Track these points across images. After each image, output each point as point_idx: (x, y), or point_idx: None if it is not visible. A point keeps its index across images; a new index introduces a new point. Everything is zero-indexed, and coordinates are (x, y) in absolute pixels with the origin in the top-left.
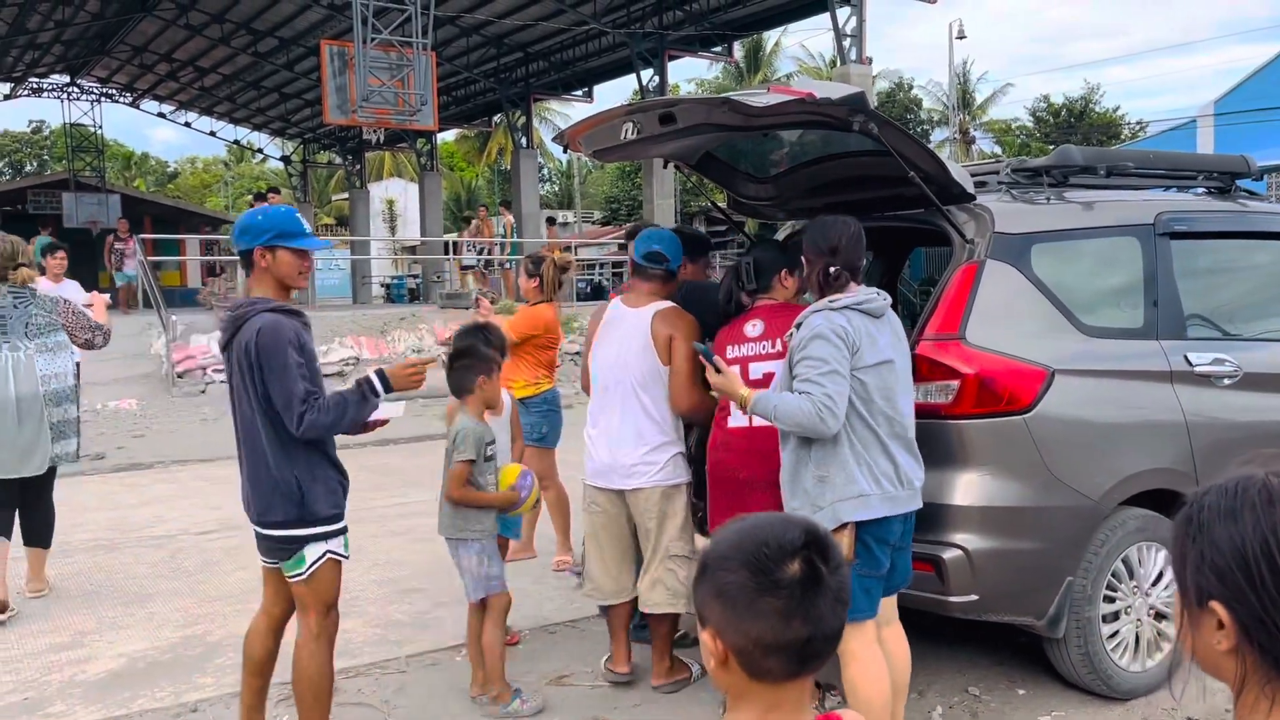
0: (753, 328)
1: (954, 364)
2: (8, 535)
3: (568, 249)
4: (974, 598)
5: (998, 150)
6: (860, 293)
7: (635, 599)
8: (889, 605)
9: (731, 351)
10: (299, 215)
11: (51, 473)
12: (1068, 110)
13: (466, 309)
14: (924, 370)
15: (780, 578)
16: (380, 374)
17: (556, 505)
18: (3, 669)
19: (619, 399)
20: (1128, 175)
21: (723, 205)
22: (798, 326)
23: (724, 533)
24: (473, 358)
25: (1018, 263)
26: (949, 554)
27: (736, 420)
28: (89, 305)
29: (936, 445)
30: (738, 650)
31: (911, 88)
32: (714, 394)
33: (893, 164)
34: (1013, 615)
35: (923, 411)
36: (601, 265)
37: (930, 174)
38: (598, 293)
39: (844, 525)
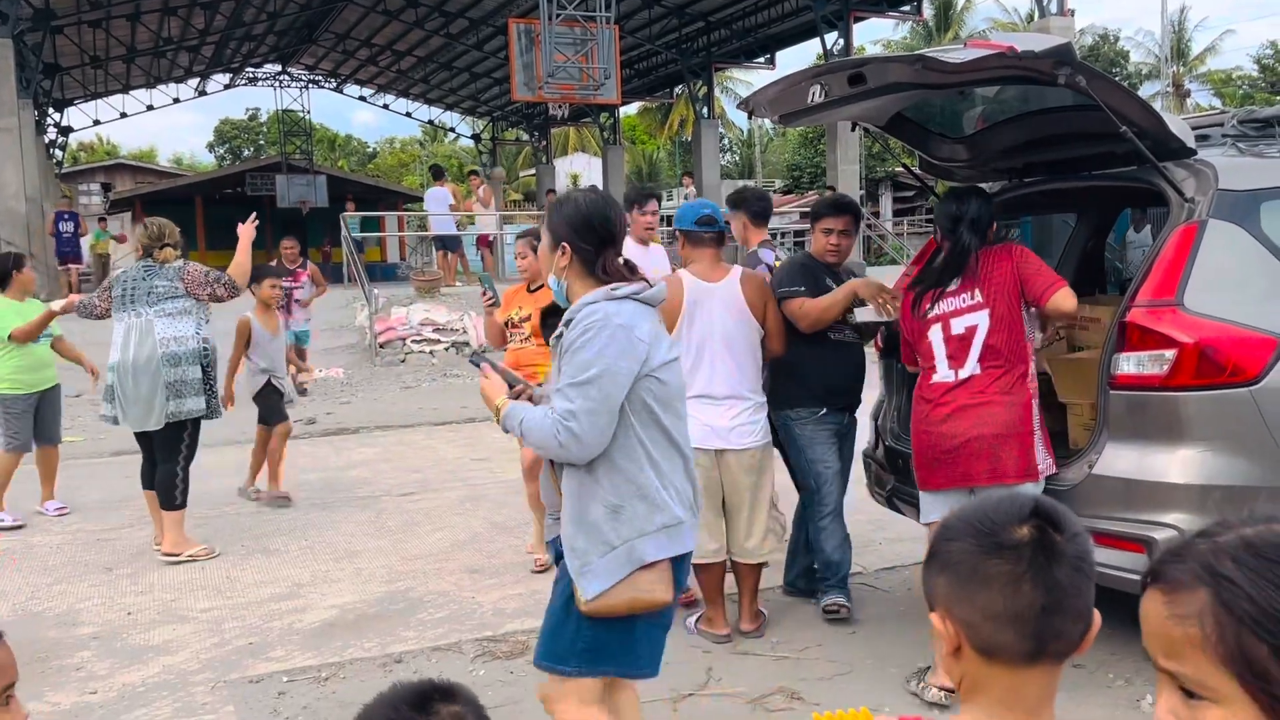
0: (954, 281)
1: (1170, 332)
2: (152, 486)
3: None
4: None
5: (1216, 103)
6: (635, 282)
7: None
8: None
9: (934, 308)
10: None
11: (175, 437)
12: None
13: None
14: (1135, 339)
15: (1005, 540)
16: None
17: None
18: (231, 615)
19: (722, 367)
20: None
21: (914, 168)
22: (567, 324)
23: (951, 514)
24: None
25: (1244, 222)
26: (1162, 535)
27: (941, 375)
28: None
29: (1148, 419)
30: (968, 626)
31: (1118, 40)
32: None
33: (1100, 119)
34: None
35: (1135, 383)
36: (783, 234)
37: (1144, 128)
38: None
39: (652, 564)
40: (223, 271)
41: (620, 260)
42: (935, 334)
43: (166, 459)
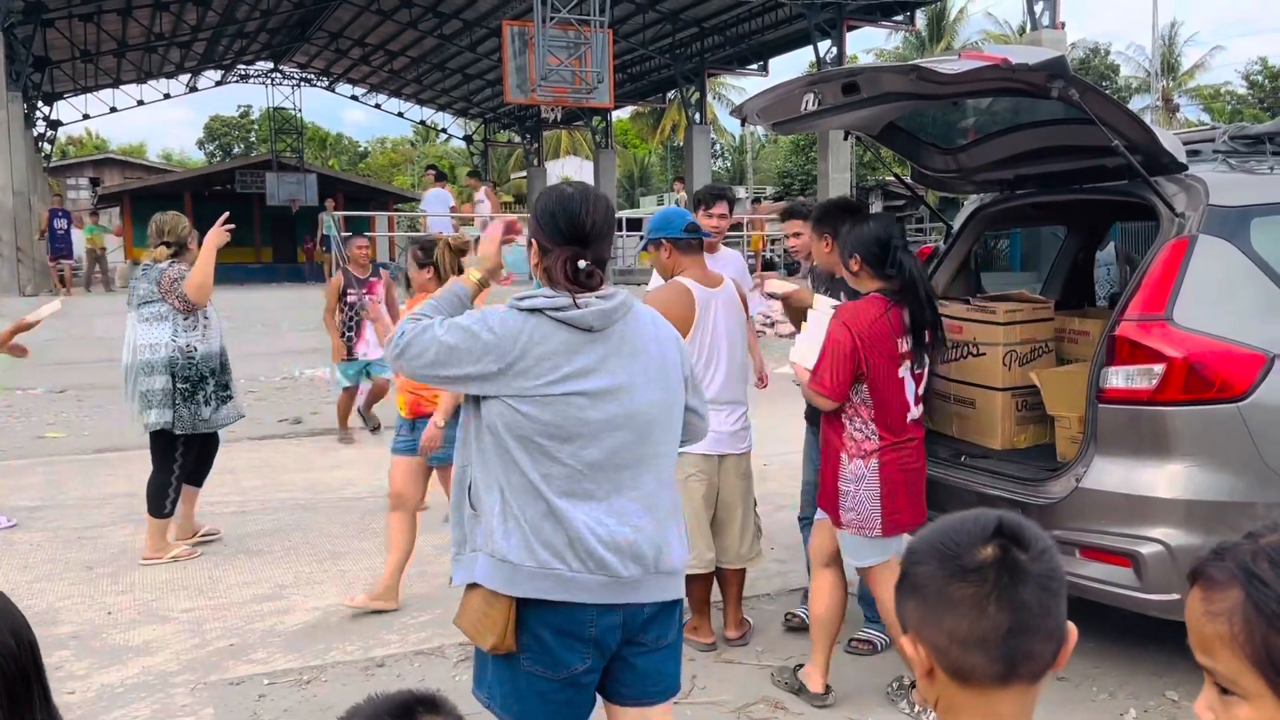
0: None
1: (1159, 347)
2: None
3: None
4: (1175, 597)
5: (1205, 118)
6: (559, 295)
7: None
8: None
9: (903, 344)
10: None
11: (167, 446)
12: None
13: (639, 284)
14: (1124, 353)
15: (968, 562)
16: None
17: None
18: (212, 616)
19: (722, 373)
20: None
21: (905, 177)
22: None
23: (915, 537)
24: None
25: (1234, 238)
26: (1148, 549)
27: (914, 414)
28: None
29: (1137, 433)
30: (937, 650)
31: (1108, 53)
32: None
33: (1092, 132)
34: None
35: (1123, 397)
36: (774, 240)
37: (1136, 142)
38: (768, 269)
39: (487, 594)
40: (178, 289)
41: (579, 265)
42: (906, 371)
43: (159, 468)
